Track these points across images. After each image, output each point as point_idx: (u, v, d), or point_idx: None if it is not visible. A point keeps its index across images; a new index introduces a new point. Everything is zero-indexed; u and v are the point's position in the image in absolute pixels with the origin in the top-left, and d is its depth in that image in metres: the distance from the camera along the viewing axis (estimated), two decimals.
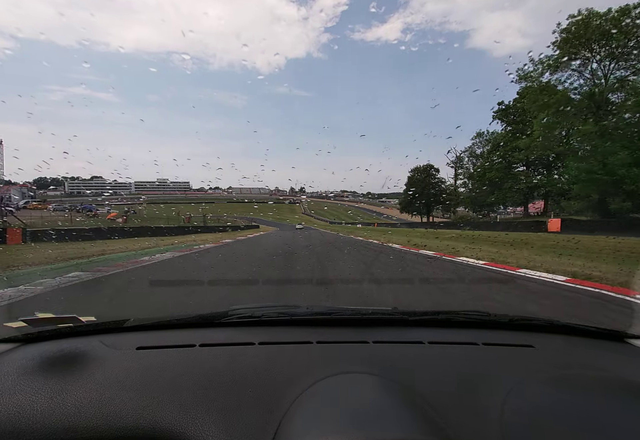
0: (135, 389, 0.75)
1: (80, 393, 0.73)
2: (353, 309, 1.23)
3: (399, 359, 0.91)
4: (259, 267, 7.77)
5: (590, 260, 7.58)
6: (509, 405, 0.71)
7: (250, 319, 1.14)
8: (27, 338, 0.99)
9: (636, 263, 7.25)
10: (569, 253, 8.66)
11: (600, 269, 6.29)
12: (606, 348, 1.07)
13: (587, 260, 7.58)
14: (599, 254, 8.92)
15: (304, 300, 4.33)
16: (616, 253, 8.70)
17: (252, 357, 0.91)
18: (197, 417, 0.67)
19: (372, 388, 0.76)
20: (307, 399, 0.71)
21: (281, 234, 30.50)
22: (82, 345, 0.95)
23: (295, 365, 0.86)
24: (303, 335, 1.05)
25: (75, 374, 0.80)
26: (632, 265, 6.60)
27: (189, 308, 3.86)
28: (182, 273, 7.46)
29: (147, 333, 1.09)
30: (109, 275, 6.58)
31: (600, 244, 11.38)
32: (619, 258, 7.77)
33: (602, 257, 8.00)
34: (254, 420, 0.66)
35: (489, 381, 0.81)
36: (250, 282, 5.77)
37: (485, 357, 0.97)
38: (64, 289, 5.18)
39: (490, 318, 1.20)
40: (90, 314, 1.13)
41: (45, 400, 0.70)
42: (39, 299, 4.51)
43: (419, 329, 1.16)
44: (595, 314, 3.77)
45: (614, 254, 8.50)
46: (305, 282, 5.83)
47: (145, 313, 3.44)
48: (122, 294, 4.96)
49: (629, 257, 8.03)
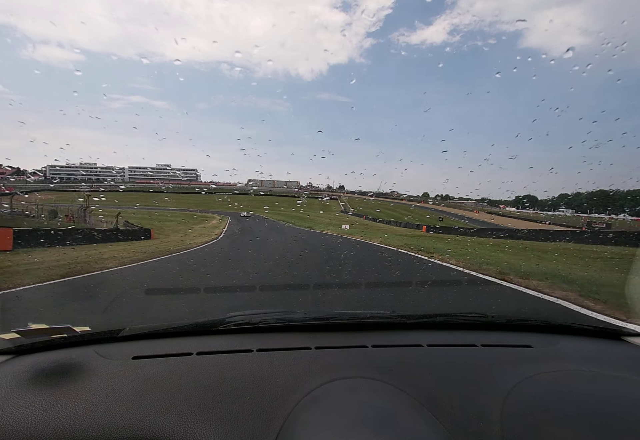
0: (132, 400, 0.74)
1: (75, 405, 0.71)
2: (351, 314, 1.22)
3: (398, 363, 0.91)
4: None
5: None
6: (509, 406, 0.71)
7: (248, 325, 1.13)
8: (20, 350, 0.97)
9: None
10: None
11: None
12: (603, 346, 1.07)
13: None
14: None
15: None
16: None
17: (250, 365, 0.90)
18: (195, 426, 0.66)
19: (372, 393, 0.76)
20: (307, 406, 0.71)
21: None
22: (77, 356, 0.94)
23: (294, 371, 0.86)
24: (301, 341, 1.04)
25: (69, 385, 0.79)
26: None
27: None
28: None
29: (142, 342, 1.07)
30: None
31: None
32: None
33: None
34: (253, 429, 0.66)
35: (489, 382, 0.82)
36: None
37: (484, 358, 0.97)
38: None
39: (488, 319, 1.21)
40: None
41: (40, 413, 0.69)
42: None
43: (417, 332, 1.16)
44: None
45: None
46: None
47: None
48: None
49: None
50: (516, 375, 0.84)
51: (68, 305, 4.50)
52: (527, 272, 6.35)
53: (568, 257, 10.94)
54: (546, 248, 14.27)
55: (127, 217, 27.25)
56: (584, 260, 10.23)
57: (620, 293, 4.50)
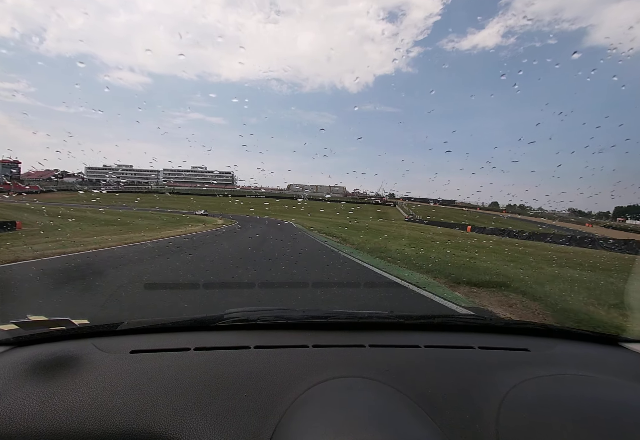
0: (129, 393, 0.74)
1: (73, 397, 0.72)
2: (349, 313, 1.22)
3: (395, 363, 0.91)
4: None
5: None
6: (505, 409, 0.71)
7: (246, 322, 1.13)
8: (18, 341, 0.98)
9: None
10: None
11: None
12: (601, 352, 1.07)
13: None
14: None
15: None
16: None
17: (248, 361, 0.90)
18: (191, 421, 0.67)
19: (369, 392, 0.75)
20: (303, 403, 0.71)
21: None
22: (75, 349, 0.94)
23: (291, 369, 0.86)
24: (299, 339, 1.05)
25: (67, 377, 0.79)
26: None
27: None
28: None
29: (141, 336, 1.08)
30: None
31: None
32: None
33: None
34: (249, 425, 0.66)
35: (485, 384, 0.81)
36: None
37: (481, 360, 0.97)
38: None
39: (485, 322, 1.21)
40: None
41: (37, 405, 0.69)
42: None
43: (415, 332, 1.16)
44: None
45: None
46: None
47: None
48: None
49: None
50: (513, 378, 0.84)
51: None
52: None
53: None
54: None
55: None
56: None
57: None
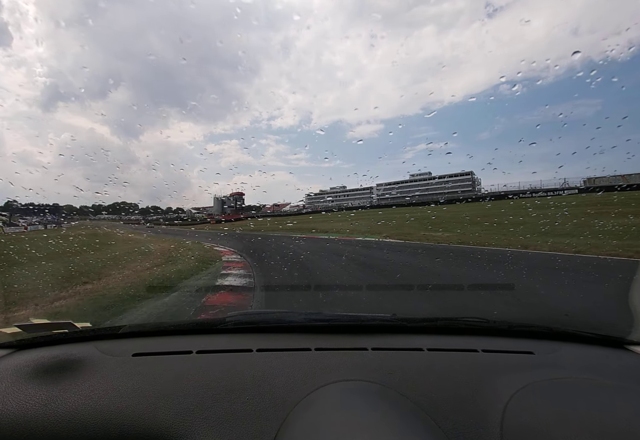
0: (131, 396, 0.74)
1: (75, 400, 0.72)
2: (351, 316, 1.21)
3: (398, 366, 0.90)
4: None
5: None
6: (509, 412, 0.70)
7: (248, 325, 1.13)
8: (21, 344, 0.99)
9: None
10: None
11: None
12: (606, 354, 1.06)
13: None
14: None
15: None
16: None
17: (250, 365, 0.90)
18: (193, 425, 0.66)
19: (372, 396, 0.75)
20: (306, 407, 0.70)
21: None
22: (77, 352, 0.94)
23: (293, 372, 0.85)
24: (301, 342, 1.04)
25: (69, 380, 0.79)
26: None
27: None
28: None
29: (143, 339, 1.08)
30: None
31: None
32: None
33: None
34: (251, 429, 0.65)
35: (489, 388, 0.80)
36: None
37: (485, 363, 0.96)
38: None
39: (489, 324, 1.19)
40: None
41: (39, 407, 0.69)
42: None
43: (418, 335, 1.15)
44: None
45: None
46: None
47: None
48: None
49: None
50: (517, 381, 0.83)
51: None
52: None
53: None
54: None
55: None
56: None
57: None
